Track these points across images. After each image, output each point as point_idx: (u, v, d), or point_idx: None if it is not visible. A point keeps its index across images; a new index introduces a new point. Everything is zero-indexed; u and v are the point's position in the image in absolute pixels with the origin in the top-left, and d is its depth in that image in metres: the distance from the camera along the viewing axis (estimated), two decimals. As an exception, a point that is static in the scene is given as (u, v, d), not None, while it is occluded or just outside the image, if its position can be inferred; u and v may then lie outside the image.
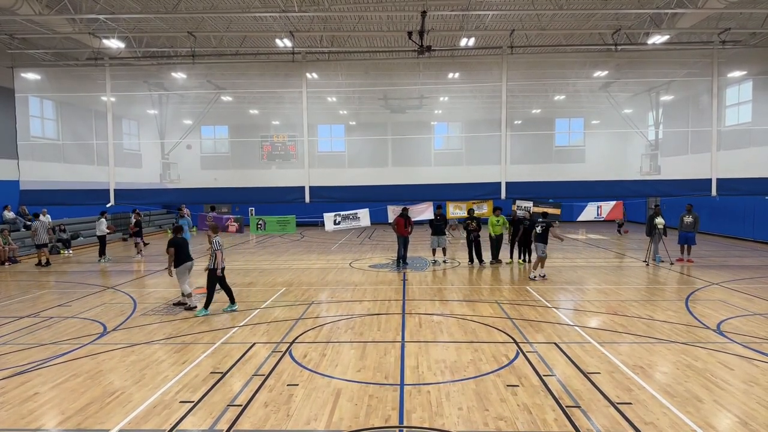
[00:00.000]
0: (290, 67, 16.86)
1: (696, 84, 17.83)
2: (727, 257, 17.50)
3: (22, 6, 13.69)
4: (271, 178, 20.08)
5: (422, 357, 7.56)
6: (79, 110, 19.87)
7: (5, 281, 14.57)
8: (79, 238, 21.91)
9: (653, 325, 9.17)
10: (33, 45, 17.61)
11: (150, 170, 20.84)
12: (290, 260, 17.93)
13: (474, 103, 21.71)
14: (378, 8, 15.83)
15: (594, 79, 18.92)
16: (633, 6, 15.25)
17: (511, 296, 11.74)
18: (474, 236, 16.15)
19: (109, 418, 5.68)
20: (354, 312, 10.39)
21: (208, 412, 5.80)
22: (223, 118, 24.27)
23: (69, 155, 18.53)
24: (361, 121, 25.49)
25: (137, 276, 15.12)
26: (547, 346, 8.01)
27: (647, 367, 7.06)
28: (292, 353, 7.80)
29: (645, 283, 13.40)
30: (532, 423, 5.47)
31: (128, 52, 17.64)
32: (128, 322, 9.76)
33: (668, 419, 5.53)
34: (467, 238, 16.36)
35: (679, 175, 17.06)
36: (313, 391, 6.35)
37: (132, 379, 6.83)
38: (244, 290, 12.67)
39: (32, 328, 9.44)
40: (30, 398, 6.26)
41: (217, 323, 9.60)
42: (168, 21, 16.53)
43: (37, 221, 17.84)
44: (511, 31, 15.79)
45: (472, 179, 17.00)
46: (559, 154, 24.21)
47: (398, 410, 5.80)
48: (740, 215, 22.10)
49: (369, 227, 21.50)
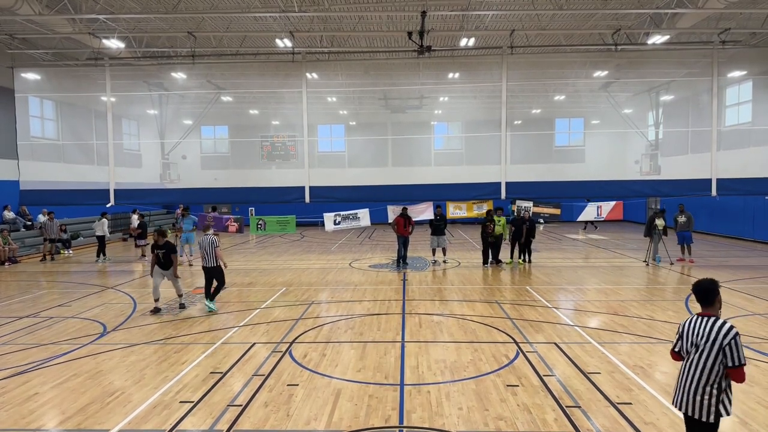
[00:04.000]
0: (290, 67, 16.87)
1: (696, 84, 17.85)
2: (727, 257, 17.49)
3: (22, 6, 13.69)
4: (271, 178, 20.13)
5: (422, 357, 7.56)
6: (79, 110, 19.89)
7: (5, 281, 14.56)
8: (79, 238, 21.90)
9: (653, 325, 9.17)
10: (33, 45, 17.60)
11: (150, 170, 20.86)
12: (290, 260, 17.93)
13: (474, 103, 21.74)
14: (378, 8, 15.83)
15: (594, 79, 18.95)
16: (633, 6, 15.25)
17: (511, 296, 11.74)
18: (492, 238, 15.66)
19: (109, 418, 5.68)
20: (354, 312, 10.39)
21: (208, 412, 5.80)
22: (223, 118, 24.31)
23: (69, 155, 18.55)
24: (361, 121, 25.51)
25: (137, 276, 15.12)
26: (547, 346, 8.01)
27: (647, 367, 7.06)
28: (292, 353, 7.80)
29: (645, 283, 13.40)
30: (532, 423, 5.47)
31: (128, 52, 17.63)
32: (128, 322, 9.76)
33: (668, 419, 5.53)
34: (484, 239, 15.79)
35: (679, 175, 17.08)
36: (313, 391, 6.35)
37: (132, 379, 6.83)
38: (244, 290, 12.68)
39: (32, 328, 9.44)
40: (30, 398, 6.26)
41: (217, 323, 9.61)
42: (168, 21, 16.53)
43: (47, 220, 18.25)
44: (511, 31, 15.79)
45: (472, 179, 17.02)
46: (559, 154, 24.25)
47: (398, 410, 5.80)
48: (740, 215, 22.10)
49: (369, 227, 21.50)
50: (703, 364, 3.85)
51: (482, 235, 15.82)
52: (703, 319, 3.95)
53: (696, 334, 3.93)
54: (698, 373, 3.87)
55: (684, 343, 4.03)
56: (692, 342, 3.95)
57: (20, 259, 18.24)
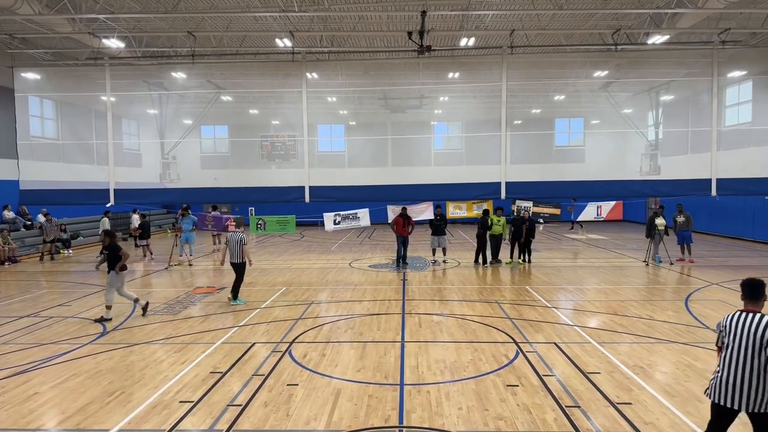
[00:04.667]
0: (290, 66, 16.87)
1: (696, 84, 17.83)
2: (727, 257, 17.49)
3: (22, 6, 13.68)
4: (271, 178, 20.11)
5: (422, 357, 7.56)
6: (79, 110, 19.88)
7: (5, 281, 14.56)
8: (79, 238, 21.90)
9: (653, 325, 9.17)
10: (33, 45, 17.60)
11: (150, 170, 20.85)
12: (290, 260, 17.93)
13: (474, 103, 21.72)
14: (378, 8, 15.83)
15: (594, 79, 18.94)
16: (633, 6, 15.25)
17: (511, 296, 11.75)
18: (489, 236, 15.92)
19: (109, 418, 5.68)
20: (354, 312, 10.39)
21: (207, 412, 5.80)
22: (223, 117, 24.29)
23: (69, 155, 18.54)
24: (361, 121, 25.50)
25: (137, 276, 15.11)
26: (547, 346, 8.01)
27: (647, 367, 7.06)
28: (292, 353, 7.80)
29: (645, 283, 13.40)
30: (531, 423, 5.47)
31: (128, 52, 17.63)
32: (128, 322, 9.76)
33: (668, 419, 5.53)
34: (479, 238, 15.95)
35: (679, 175, 17.07)
36: (312, 391, 6.35)
37: (132, 378, 6.83)
38: (244, 290, 12.63)
39: (32, 327, 9.44)
40: (30, 398, 6.26)
41: (217, 323, 9.61)
42: (168, 21, 16.52)
43: (46, 221, 18.23)
44: (511, 31, 15.78)
45: (472, 179, 17.01)
46: (559, 154, 24.22)
47: (398, 410, 5.80)
48: (740, 215, 22.10)
49: (369, 227, 21.50)
50: (750, 359, 3.91)
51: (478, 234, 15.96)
52: (748, 315, 4.01)
53: (741, 329, 3.98)
54: (747, 368, 3.92)
55: (728, 339, 4.07)
56: (737, 337, 3.99)
57: (20, 259, 18.24)
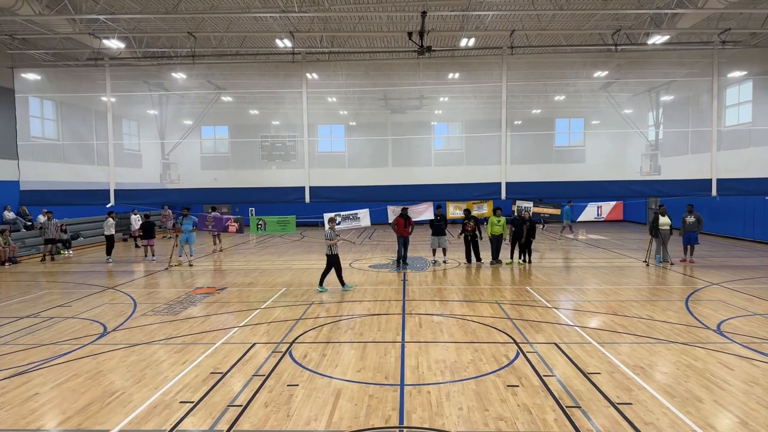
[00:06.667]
0: (290, 67, 16.86)
1: (696, 84, 17.81)
2: (728, 257, 17.49)
3: (22, 6, 13.68)
4: (271, 179, 20.06)
5: (422, 357, 7.57)
6: (79, 110, 19.87)
7: (5, 281, 14.57)
8: (79, 239, 21.90)
9: (653, 325, 9.17)
10: (33, 45, 17.61)
11: (150, 170, 20.81)
12: (290, 260, 17.93)
13: (474, 103, 21.70)
14: (378, 8, 15.83)
15: (594, 79, 18.91)
16: (633, 6, 15.25)
17: (511, 296, 11.75)
18: (470, 236, 16.24)
19: (110, 418, 5.68)
20: (354, 312, 10.39)
21: (208, 412, 5.80)
22: (223, 118, 24.24)
23: (69, 155, 18.51)
24: (361, 122, 25.47)
25: (137, 276, 15.12)
26: (547, 347, 8.01)
27: (647, 368, 7.06)
28: (292, 353, 7.80)
29: (645, 283, 13.40)
30: (532, 423, 5.47)
31: (128, 53, 17.64)
32: (128, 323, 9.76)
33: (668, 419, 5.53)
34: (464, 237, 16.43)
35: (679, 175, 17.04)
36: (313, 392, 6.36)
37: (132, 379, 6.83)
38: (244, 290, 12.68)
39: (33, 328, 9.44)
40: (30, 398, 6.27)
41: (218, 323, 9.61)
42: (168, 21, 16.53)
43: (46, 220, 18.22)
44: (511, 31, 15.79)
45: (472, 179, 16.99)
46: (560, 154, 24.17)
47: (398, 410, 5.80)
48: (740, 215, 22.09)
49: (369, 227, 21.49)
50: None
51: (462, 234, 16.31)
52: None
53: None
54: None
55: None
56: None
57: (20, 260, 18.25)
